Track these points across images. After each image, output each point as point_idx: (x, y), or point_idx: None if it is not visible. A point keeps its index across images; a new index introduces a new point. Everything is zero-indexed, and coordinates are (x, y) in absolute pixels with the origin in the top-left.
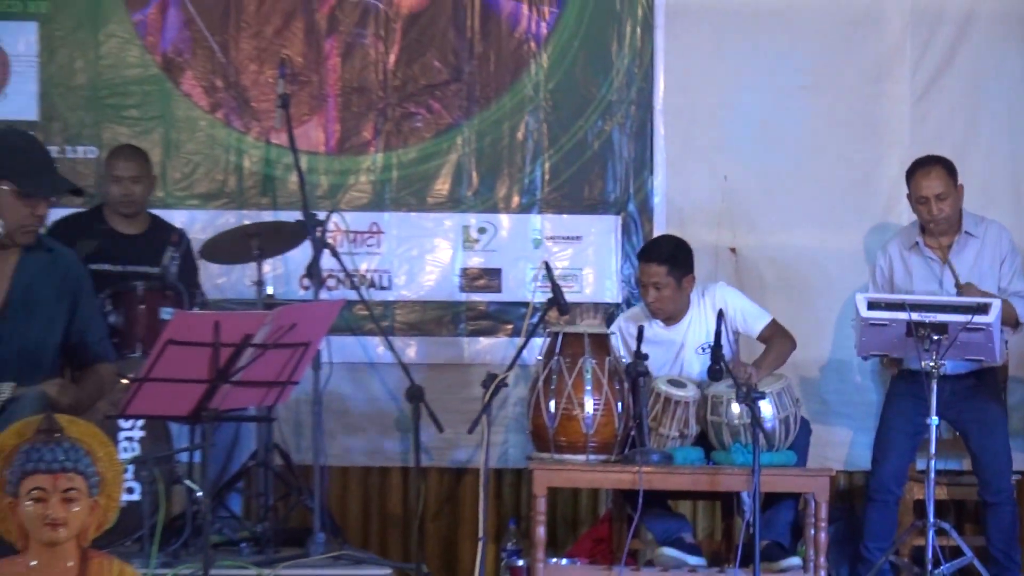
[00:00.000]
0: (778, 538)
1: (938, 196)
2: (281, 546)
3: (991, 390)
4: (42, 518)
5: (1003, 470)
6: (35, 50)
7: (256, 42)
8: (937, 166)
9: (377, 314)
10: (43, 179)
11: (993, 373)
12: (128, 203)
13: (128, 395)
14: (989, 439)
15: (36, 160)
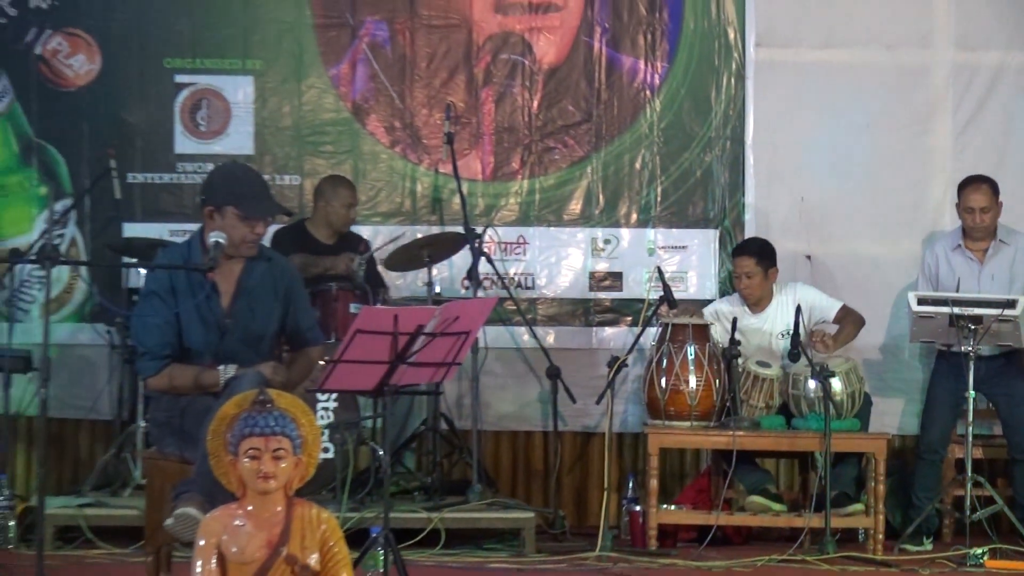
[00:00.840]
0: (845, 489)
1: (983, 208)
2: (446, 495)
3: (1017, 369)
4: (256, 472)
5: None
6: (251, 98)
7: (427, 91)
8: (985, 184)
9: (523, 309)
10: (260, 203)
11: (1019, 355)
12: (348, 223)
13: (324, 374)
14: (1017, 408)
15: (254, 187)
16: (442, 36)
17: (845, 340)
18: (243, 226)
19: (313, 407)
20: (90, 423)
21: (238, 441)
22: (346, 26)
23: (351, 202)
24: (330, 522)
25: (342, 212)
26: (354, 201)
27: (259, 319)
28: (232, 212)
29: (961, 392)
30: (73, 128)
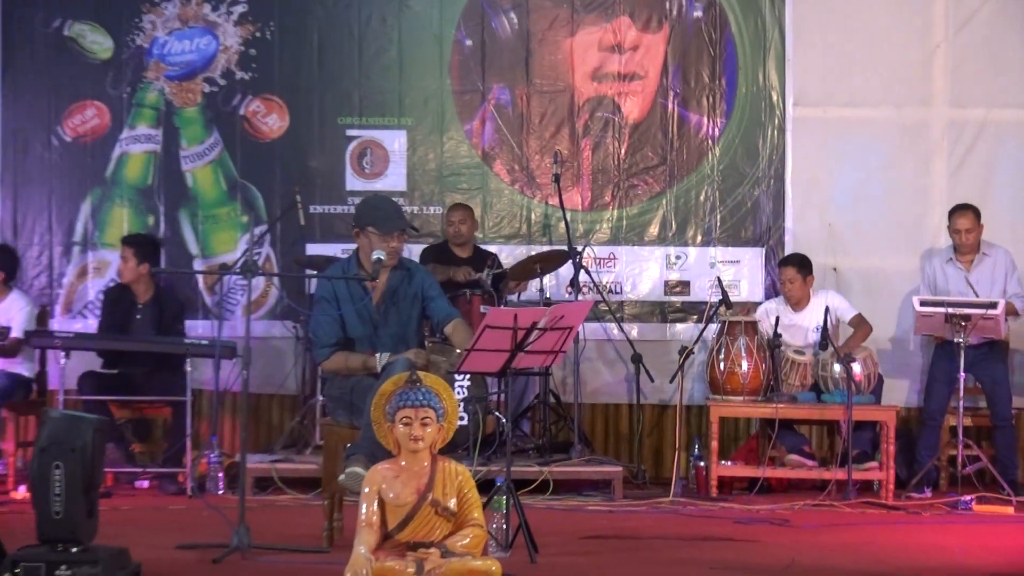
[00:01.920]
0: (863, 449)
1: (967, 229)
2: (553, 453)
3: (999, 355)
4: (409, 436)
5: (1006, 405)
6: (404, 147)
7: (539, 142)
8: (969, 211)
9: (613, 309)
10: (391, 222)
11: (1000, 344)
12: (460, 237)
13: (461, 359)
14: (998, 386)
15: (387, 211)
16: (551, 99)
17: (856, 344)
18: (381, 241)
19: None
20: (280, 397)
21: (394, 412)
22: (477, 92)
23: (456, 219)
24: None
25: (449, 229)
26: (459, 219)
27: (403, 315)
28: (371, 231)
29: (954, 373)
30: (268, 171)
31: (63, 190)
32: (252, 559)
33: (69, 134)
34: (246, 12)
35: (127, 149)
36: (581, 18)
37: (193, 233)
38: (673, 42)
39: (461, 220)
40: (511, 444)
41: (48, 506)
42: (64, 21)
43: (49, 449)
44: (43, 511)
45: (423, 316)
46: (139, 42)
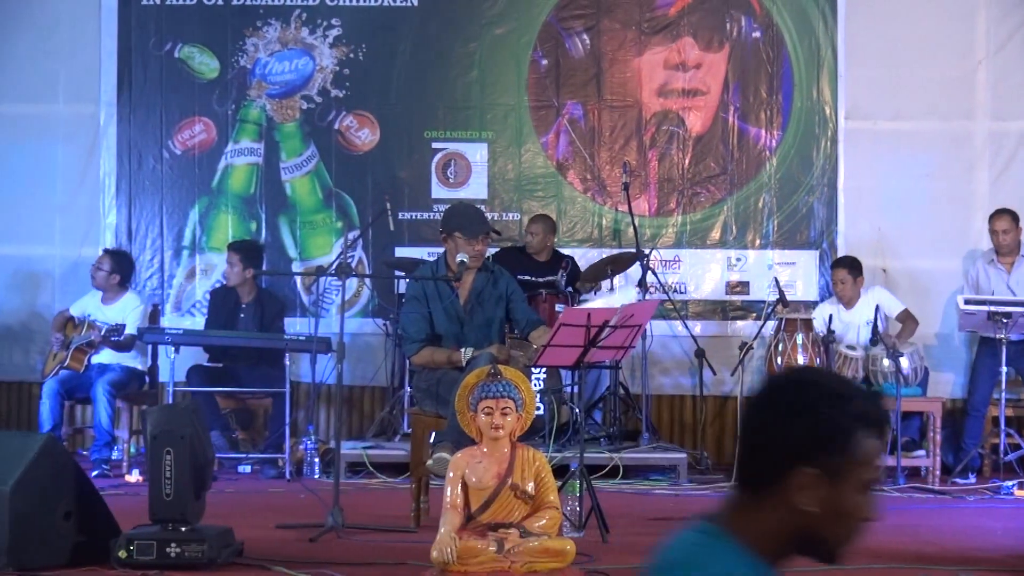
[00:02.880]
0: (912, 437)
1: (1004, 231)
2: (623, 440)
3: None
4: (490, 425)
5: None
6: (485, 159)
7: (609, 153)
8: (1007, 214)
9: (678, 308)
10: (476, 227)
11: None
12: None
13: (538, 354)
14: None
15: (473, 217)
16: (620, 113)
17: (905, 338)
18: (466, 245)
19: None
20: (371, 389)
21: (477, 402)
22: (552, 107)
23: (532, 231)
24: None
25: (529, 239)
26: (535, 231)
27: (487, 314)
28: (457, 235)
29: (997, 367)
30: (360, 181)
31: (173, 199)
32: (345, 538)
33: (179, 148)
34: (340, 35)
35: (232, 161)
36: (648, 39)
37: (292, 238)
38: (733, 60)
39: (540, 232)
40: (584, 432)
41: (160, 489)
42: (175, 44)
43: (160, 437)
44: (155, 493)
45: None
46: (243, 63)
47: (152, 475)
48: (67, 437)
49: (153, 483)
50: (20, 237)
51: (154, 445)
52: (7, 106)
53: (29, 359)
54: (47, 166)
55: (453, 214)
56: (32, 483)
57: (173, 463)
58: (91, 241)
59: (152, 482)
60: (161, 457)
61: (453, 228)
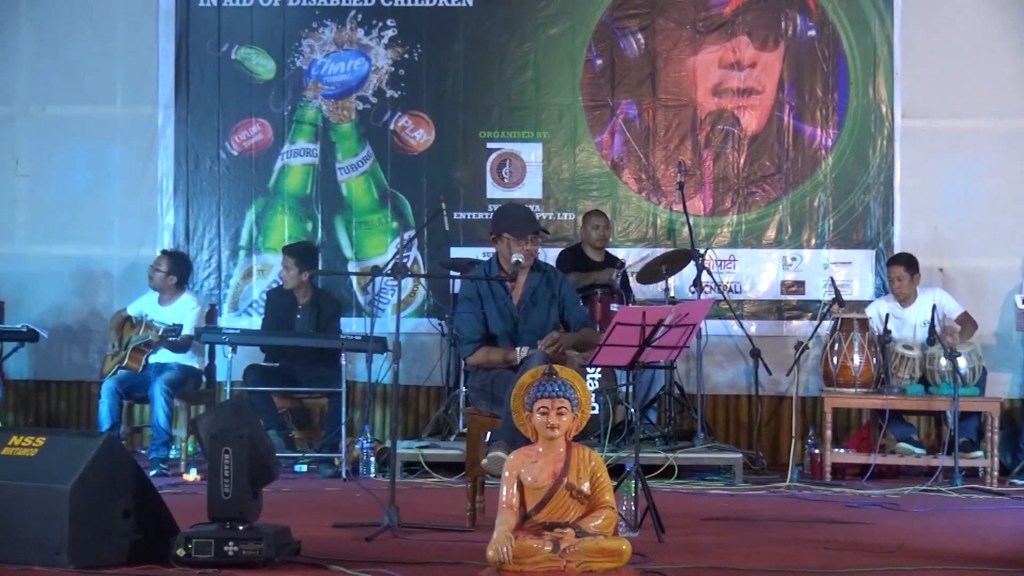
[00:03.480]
0: (969, 437)
1: None
2: (678, 440)
3: None
4: (546, 424)
5: None
6: (540, 159)
7: (664, 152)
8: None
9: (733, 307)
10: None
11: None
12: (599, 241)
13: (593, 354)
14: None
15: (521, 217)
16: (675, 113)
17: (964, 338)
18: (516, 245)
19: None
20: (426, 388)
21: (532, 402)
22: (607, 107)
23: (597, 224)
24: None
25: (592, 233)
26: (600, 224)
27: (541, 313)
28: (507, 236)
29: None
30: (415, 181)
31: (230, 199)
32: (402, 537)
33: (236, 149)
34: (396, 36)
35: (288, 162)
36: (703, 38)
37: (347, 238)
38: (788, 59)
39: (606, 225)
40: (639, 432)
41: (218, 488)
42: (232, 46)
43: (219, 436)
44: (214, 492)
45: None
46: (299, 64)
47: (211, 474)
48: (125, 436)
49: (211, 482)
50: (79, 238)
51: (212, 444)
52: (66, 108)
53: (88, 359)
54: (106, 167)
55: (502, 215)
56: (92, 482)
57: (232, 462)
58: (149, 242)
59: (210, 481)
60: (219, 456)
61: (502, 229)
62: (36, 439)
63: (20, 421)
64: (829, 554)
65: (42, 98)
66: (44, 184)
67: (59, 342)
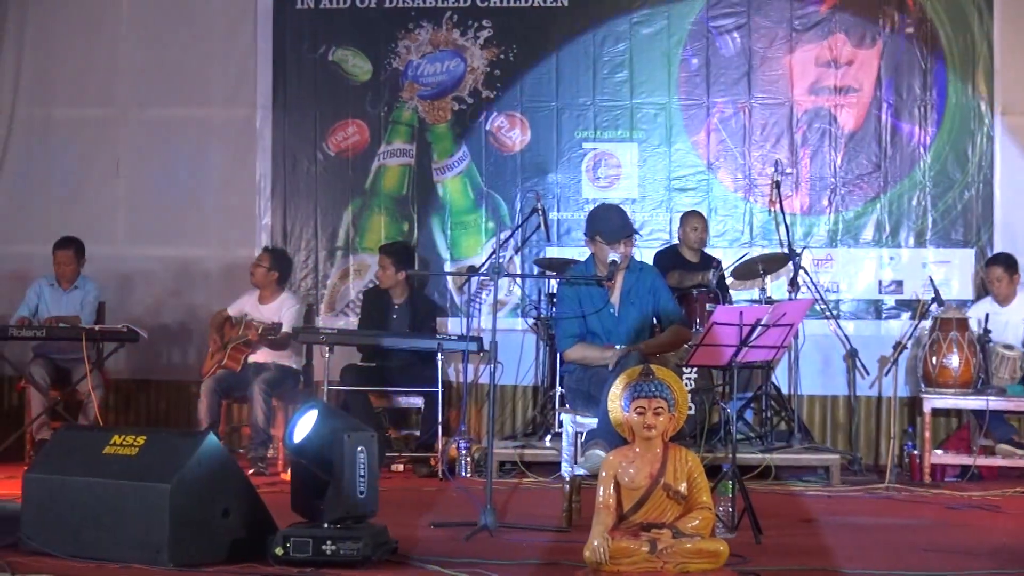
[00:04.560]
0: None
1: None
2: (775, 441)
3: None
4: (643, 424)
5: None
6: (636, 158)
7: (761, 151)
8: None
9: (830, 307)
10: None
11: None
12: (697, 242)
13: (689, 354)
14: None
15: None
16: (771, 111)
17: None
18: (608, 249)
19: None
20: (523, 388)
21: (629, 401)
22: (703, 106)
23: (695, 226)
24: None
25: (690, 234)
26: (698, 226)
27: (638, 311)
28: (599, 239)
29: None
30: (511, 181)
31: (327, 200)
32: (499, 537)
33: (333, 149)
34: (491, 36)
35: (384, 162)
36: (799, 36)
37: (443, 238)
38: (886, 57)
39: (704, 227)
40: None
41: (353, 486)
42: (328, 48)
43: (355, 434)
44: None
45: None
46: (395, 65)
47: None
48: (224, 435)
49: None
50: (178, 239)
51: (348, 443)
52: (165, 110)
53: (187, 359)
54: (204, 169)
55: (594, 218)
56: (192, 481)
57: (367, 460)
58: (247, 242)
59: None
60: (354, 455)
61: (594, 232)
62: (137, 438)
63: (121, 420)
64: (928, 556)
65: (141, 101)
66: (144, 186)
67: (159, 342)
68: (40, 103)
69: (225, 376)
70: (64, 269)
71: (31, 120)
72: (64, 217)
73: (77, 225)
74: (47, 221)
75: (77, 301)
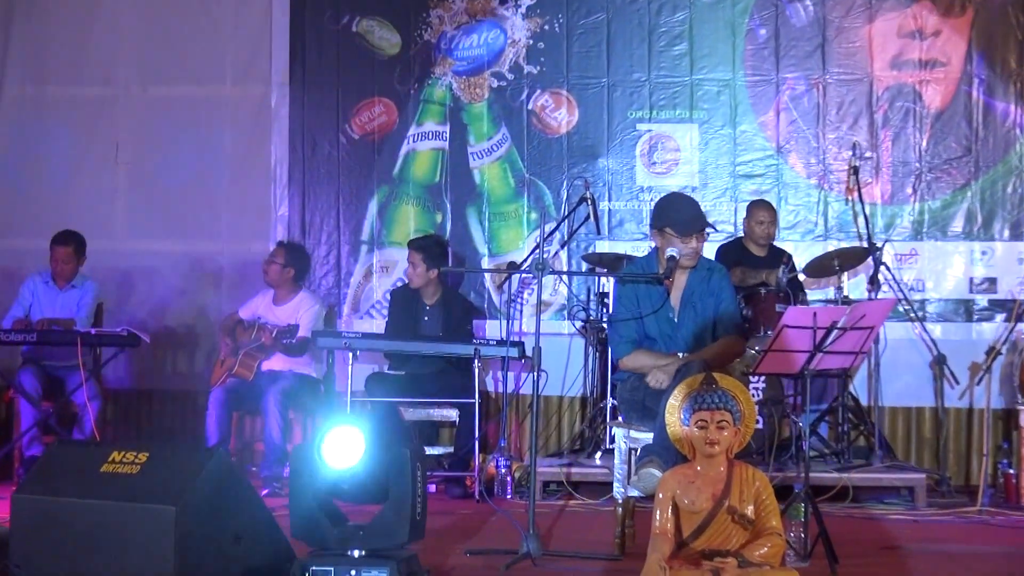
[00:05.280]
0: None
1: None
2: (852, 458)
3: None
4: (704, 439)
5: None
6: (696, 141)
7: (836, 133)
8: None
9: (915, 307)
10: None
11: None
12: (764, 237)
13: (758, 360)
14: None
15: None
16: (848, 88)
17: None
18: (680, 242)
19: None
20: (570, 399)
21: (690, 414)
22: (771, 82)
23: (762, 219)
24: (762, 479)
25: (756, 228)
26: (764, 219)
27: (700, 314)
28: (669, 232)
29: None
30: (556, 167)
31: (351, 188)
32: (542, 566)
33: (357, 132)
34: (534, 5)
35: (414, 146)
36: (880, 4)
37: (481, 231)
38: (977, 27)
39: (772, 220)
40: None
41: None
42: (352, 18)
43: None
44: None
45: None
46: (427, 37)
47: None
48: (235, 452)
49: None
50: (185, 232)
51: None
52: (170, 88)
53: (194, 366)
54: (213, 154)
55: (665, 208)
56: (200, 503)
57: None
58: (261, 236)
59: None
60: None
61: (664, 223)
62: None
63: (121, 435)
64: None
65: (143, 78)
66: (146, 173)
67: (162, 348)
68: (32, 80)
69: (236, 386)
70: (62, 267)
71: (22, 100)
72: (57, 208)
73: (72, 217)
74: (38, 212)
75: (73, 302)
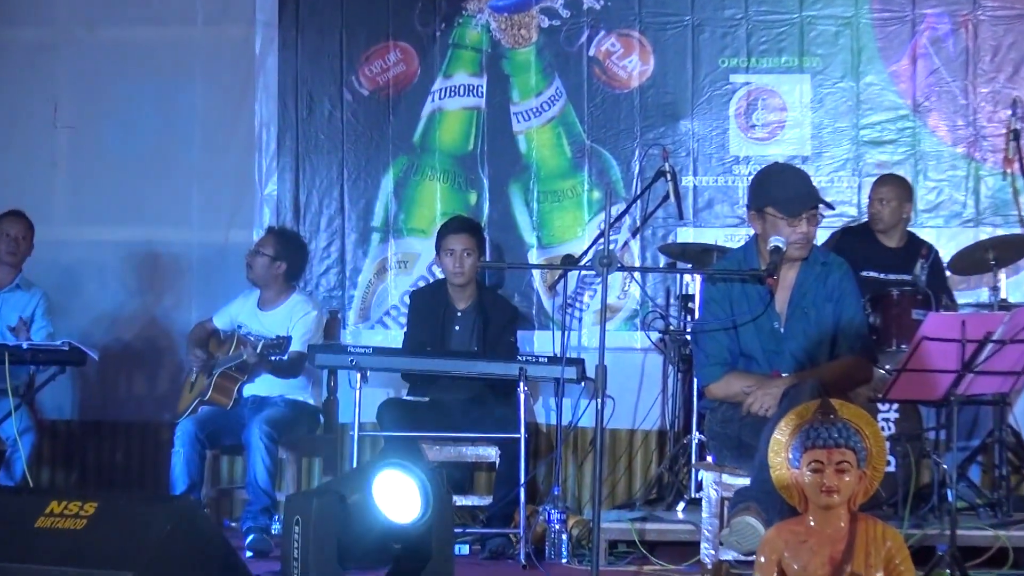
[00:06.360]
0: None
1: None
2: (1014, 511)
3: None
4: (819, 486)
5: None
6: (808, 98)
7: (991, 87)
8: None
9: None
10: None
11: None
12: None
13: (889, 383)
14: None
15: (795, 186)
16: (1007, 27)
17: None
18: (786, 226)
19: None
20: (643, 434)
21: (801, 452)
22: (906, 20)
23: (885, 196)
24: (896, 539)
25: (882, 208)
26: (890, 196)
27: (814, 325)
28: (771, 213)
29: None
30: (626, 131)
31: (358, 160)
32: None
33: (367, 86)
34: None
35: (441, 105)
36: None
37: (528, 215)
38: None
39: (902, 196)
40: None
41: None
42: None
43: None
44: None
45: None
46: None
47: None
48: (209, 501)
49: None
50: (144, 216)
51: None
52: (124, 30)
53: (155, 390)
54: (180, 115)
55: (765, 182)
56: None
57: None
58: (242, 221)
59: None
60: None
61: (765, 202)
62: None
63: (61, 479)
64: None
65: (90, 18)
66: (93, 139)
67: (114, 366)
68: None
69: (211, 415)
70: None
71: None
72: None
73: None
74: None
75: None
